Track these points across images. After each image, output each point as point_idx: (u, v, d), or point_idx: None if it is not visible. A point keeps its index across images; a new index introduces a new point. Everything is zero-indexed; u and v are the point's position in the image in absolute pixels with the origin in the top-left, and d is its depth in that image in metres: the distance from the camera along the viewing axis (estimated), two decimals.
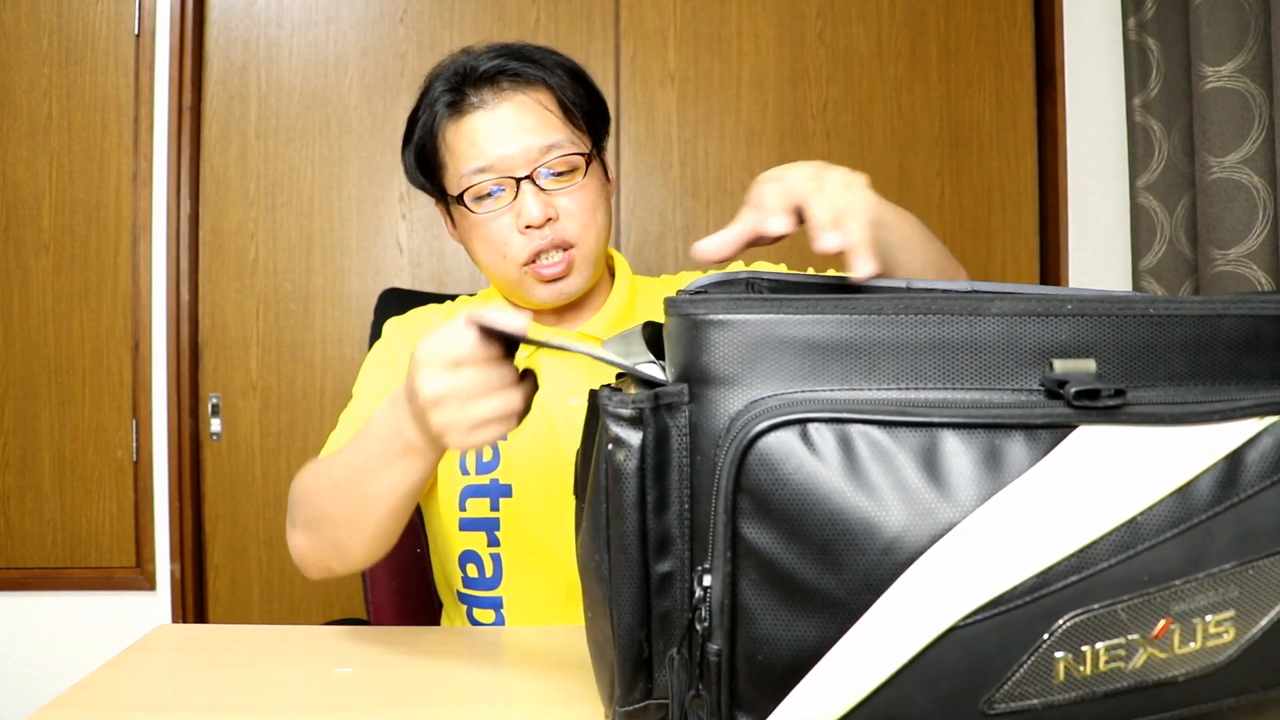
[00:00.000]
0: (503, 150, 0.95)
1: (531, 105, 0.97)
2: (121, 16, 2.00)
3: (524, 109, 0.97)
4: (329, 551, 0.85)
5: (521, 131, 0.96)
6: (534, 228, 0.95)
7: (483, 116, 0.96)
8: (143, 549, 2.00)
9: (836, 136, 2.13)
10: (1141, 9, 2.04)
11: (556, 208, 0.96)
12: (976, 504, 0.45)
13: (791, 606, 0.46)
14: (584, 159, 0.98)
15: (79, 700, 0.68)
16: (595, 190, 1.00)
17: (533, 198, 0.95)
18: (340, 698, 0.69)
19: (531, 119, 0.96)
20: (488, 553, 1.01)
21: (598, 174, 1.01)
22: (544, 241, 0.96)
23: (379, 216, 2.08)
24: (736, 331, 0.50)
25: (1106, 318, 0.50)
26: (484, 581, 1.01)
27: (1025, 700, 0.45)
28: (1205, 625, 0.47)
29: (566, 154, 0.97)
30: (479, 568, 1.01)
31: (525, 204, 0.95)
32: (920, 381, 0.49)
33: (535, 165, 0.96)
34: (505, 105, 0.96)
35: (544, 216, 0.95)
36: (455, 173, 0.98)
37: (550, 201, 0.96)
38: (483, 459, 1.01)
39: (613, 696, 0.56)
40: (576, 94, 1.00)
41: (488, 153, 0.95)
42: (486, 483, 1.00)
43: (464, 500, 1.01)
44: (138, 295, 2.01)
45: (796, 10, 2.13)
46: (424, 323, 1.08)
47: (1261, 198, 1.79)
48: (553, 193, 0.96)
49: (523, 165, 0.95)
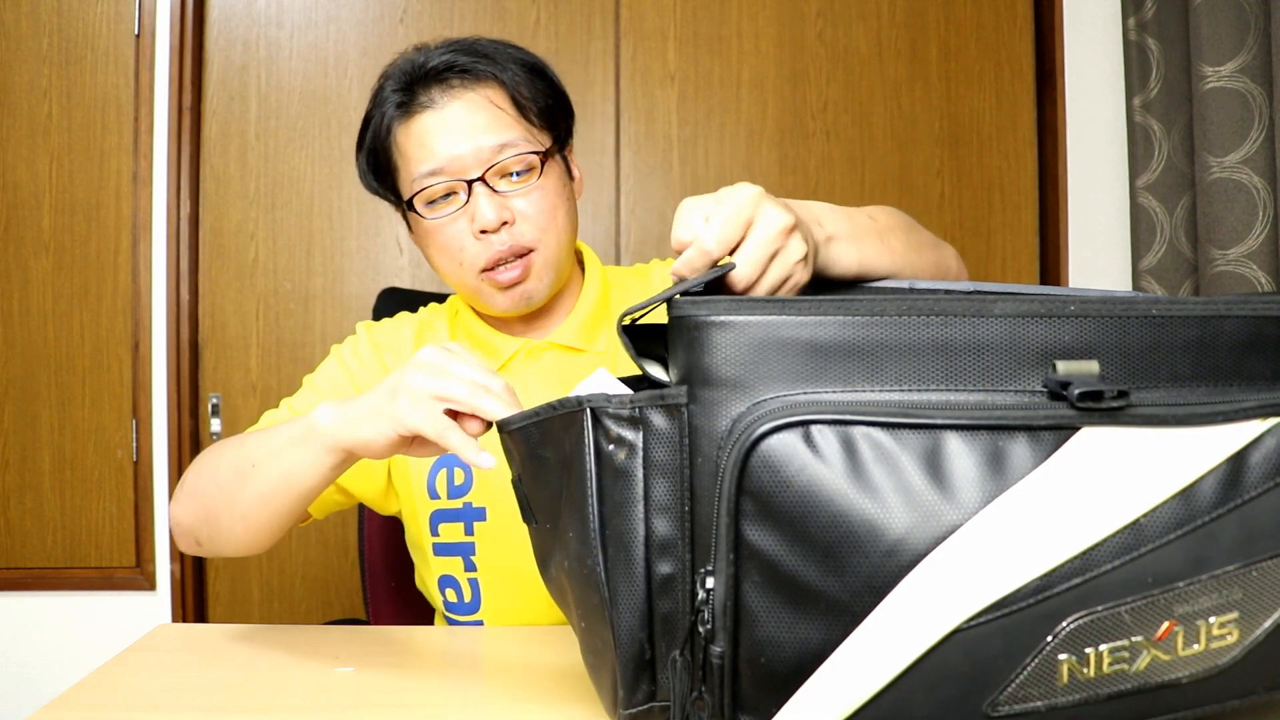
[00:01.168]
0: (453, 151, 0.91)
1: (482, 103, 0.93)
2: (121, 16, 2.00)
3: (475, 107, 0.92)
4: (203, 524, 0.86)
5: (472, 131, 0.91)
6: (489, 232, 0.92)
7: (432, 116, 0.92)
8: (143, 549, 2.00)
9: (836, 136, 2.13)
10: (1141, 9, 2.03)
11: (513, 210, 0.92)
12: (980, 506, 0.45)
13: (795, 609, 0.46)
14: (539, 158, 0.93)
15: (79, 700, 0.68)
16: (554, 190, 0.95)
17: (486, 200, 0.91)
18: (340, 698, 0.69)
19: (483, 117, 0.92)
20: (465, 577, 0.99)
21: (557, 173, 0.97)
22: (502, 248, 0.92)
23: (379, 216, 2.07)
24: (739, 333, 0.49)
25: (1109, 319, 0.50)
26: (463, 606, 1.00)
27: (1029, 702, 0.45)
28: (1209, 627, 0.47)
29: (520, 153, 0.92)
30: (457, 592, 1.00)
31: (478, 207, 0.91)
32: (923, 383, 0.49)
33: (488, 165, 0.91)
34: (455, 104, 0.92)
35: (499, 220, 0.91)
36: (407, 176, 0.95)
37: (505, 204, 0.92)
38: (454, 482, 0.98)
39: (616, 700, 0.56)
40: (533, 90, 0.96)
41: (438, 154, 0.91)
42: (459, 506, 0.98)
43: (435, 525, 0.99)
44: (138, 295, 2.01)
45: (796, 10, 2.13)
46: (395, 333, 1.05)
47: (1261, 198, 1.79)
48: (507, 194, 0.92)
49: (475, 166, 0.91)
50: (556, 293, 1.01)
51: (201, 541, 0.88)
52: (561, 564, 0.58)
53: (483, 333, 1.03)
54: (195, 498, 0.86)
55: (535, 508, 0.61)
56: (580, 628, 0.59)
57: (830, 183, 2.12)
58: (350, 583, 2.05)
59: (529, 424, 0.58)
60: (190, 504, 0.87)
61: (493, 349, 1.02)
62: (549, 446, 0.57)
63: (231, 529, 0.84)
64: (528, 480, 0.60)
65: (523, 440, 0.59)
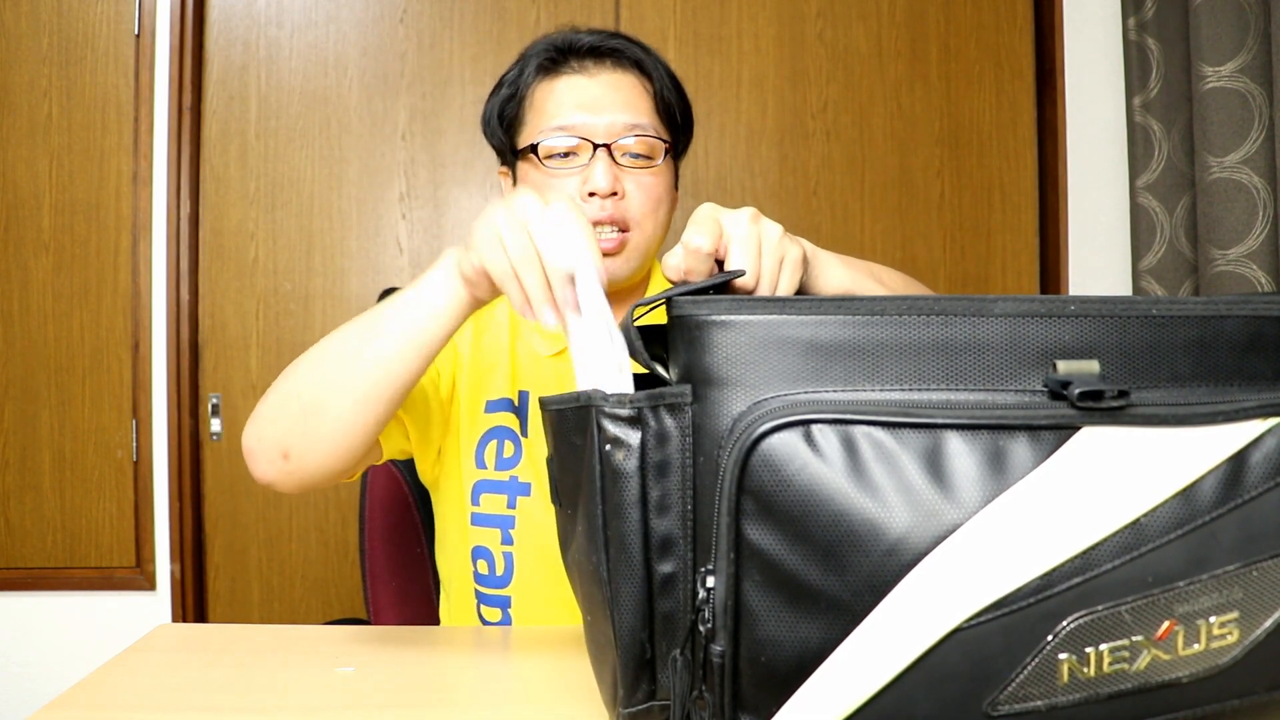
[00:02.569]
0: (589, 117, 0.95)
1: (628, 84, 0.98)
2: (121, 16, 2.00)
3: (620, 85, 0.97)
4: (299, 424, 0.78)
5: (612, 105, 0.96)
6: (597, 196, 0.95)
7: (579, 79, 0.97)
8: (143, 549, 2.00)
9: (836, 136, 2.13)
10: (1141, 9, 2.04)
11: (624, 187, 0.96)
12: (980, 505, 0.45)
13: (795, 608, 0.46)
14: (665, 146, 0.98)
15: (79, 700, 0.68)
16: (664, 185, 1.00)
17: (604, 166, 0.94)
18: (340, 698, 0.69)
19: (625, 95, 0.97)
20: (500, 550, 1.00)
21: (670, 174, 1.01)
22: (603, 214, 0.95)
23: (379, 216, 2.07)
24: (739, 332, 0.49)
25: (1109, 318, 0.50)
26: (493, 579, 1.01)
27: (1029, 702, 0.45)
28: (1209, 627, 0.47)
29: (648, 136, 0.97)
30: (489, 564, 1.01)
31: (595, 171, 0.94)
32: (924, 382, 0.49)
33: (617, 137, 0.96)
34: (604, 75, 0.97)
35: (610, 189, 0.94)
36: (534, 128, 0.98)
37: (620, 178, 0.96)
38: (504, 454, 1.00)
39: (616, 698, 0.56)
40: (673, 96, 1.01)
41: (573, 114, 0.96)
42: (505, 479, 0.99)
43: (477, 495, 1.00)
44: (138, 295, 2.01)
45: (796, 10, 2.13)
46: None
47: (1261, 198, 1.79)
48: (625, 170, 0.96)
49: (604, 134, 0.95)
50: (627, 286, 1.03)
51: (291, 451, 0.79)
52: (574, 555, 0.59)
53: None
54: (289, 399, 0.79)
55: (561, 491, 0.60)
56: (586, 620, 0.60)
57: (830, 183, 2.12)
58: (350, 583, 2.05)
59: (566, 408, 0.58)
60: (278, 411, 0.80)
61: (553, 335, 1.03)
62: (580, 434, 0.56)
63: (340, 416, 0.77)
64: (557, 462, 0.60)
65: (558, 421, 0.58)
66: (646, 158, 0.97)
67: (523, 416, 1.01)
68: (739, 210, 0.66)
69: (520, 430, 1.00)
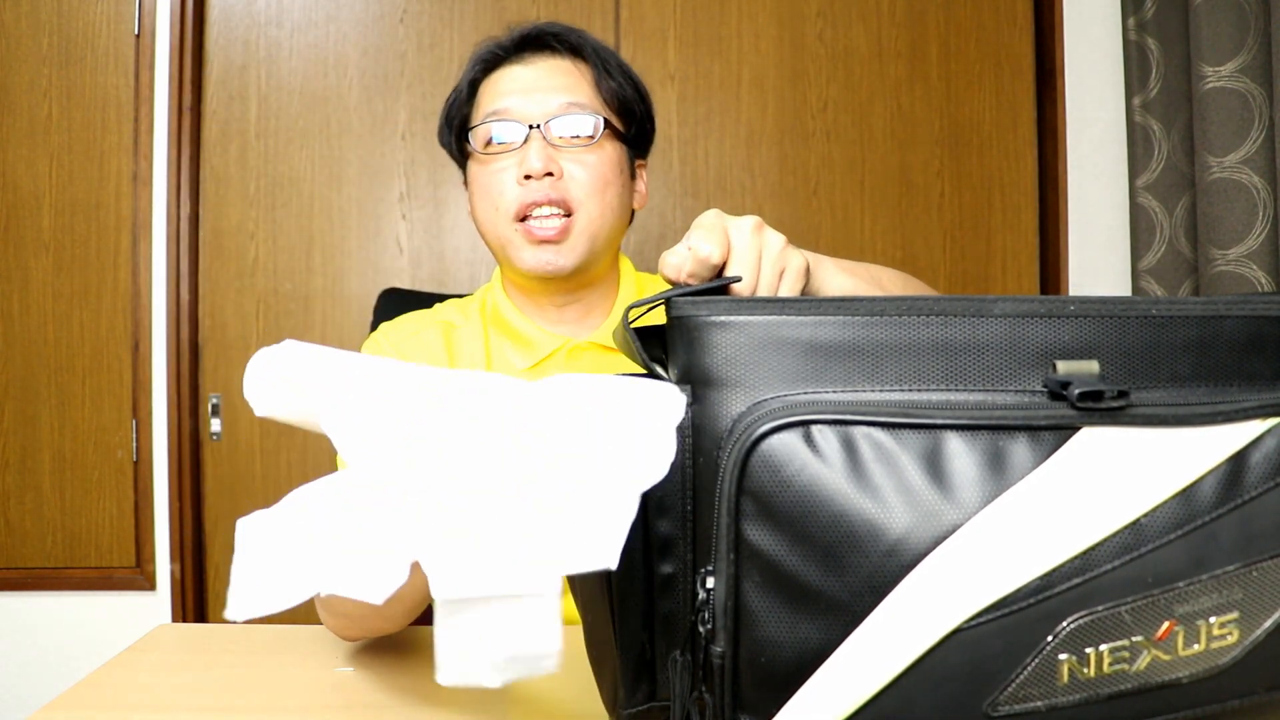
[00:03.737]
0: (523, 98, 0.95)
1: (565, 69, 0.97)
2: (121, 16, 2.00)
3: (556, 70, 0.97)
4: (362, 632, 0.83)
5: (549, 86, 0.95)
6: (532, 178, 0.93)
7: (515, 68, 0.97)
8: (143, 549, 2.00)
9: (836, 136, 2.13)
10: (1141, 9, 2.03)
11: (563, 169, 0.94)
12: (980, 506, 0.45)
13: (795, 609, 0.46)
14: (601, 123, 0.96)
15: (79, 700, 0.68)
16: (609, 165, 0.97)
17: (538, 146, 0.93)
18: (340, 698, 0.69)
19: (562, 80, 0.96)
20: None
21: (617, 156, 0.99)
22: (539, 195, 0.93)
23: (379, 216, 2.07)
24: (739, 333, 0.49)
25: (1109, 319, 0.50)
26: None
27: (1029, 702, 0.45)
28: (1209, 627, 0.46)
29: (583, 113, 0.95)
30: None
31: (529, 152, 0.93)
32: (923, 383, 0.49)
33: (551, 117, 0.94)
34: (541, 63, 0.97)
35: (544, 168, 0.93)
36: (474, 121, 0.98)
37: (556, 159, 0.94)
38: None
39: (616, 699, 0.56)
40: (622, 87, 0.99)
41: (508, 100, 0.95)
42: None
43: None
44: (138, 295, 2.01)
45: (796, 10, 2.13)
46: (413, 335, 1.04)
47: (1261, 198, 1.79)
48: (562, 149, 0.95)
49: (539, 114, 0.95)
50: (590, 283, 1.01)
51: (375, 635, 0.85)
52: None
53: (522, 326, 1.03)
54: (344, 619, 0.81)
55: None
56: (586, 621, 0.60)
57: (830, 183, 2.12)
58: None
59: None
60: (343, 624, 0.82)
61: (531, 344, 1.02)
62: None
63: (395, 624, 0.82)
64: None
65: None
66: (587, 136, 0.95)
67: None
68: (743, 219, 0.66)
69: None
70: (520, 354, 1.02)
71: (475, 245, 2.09)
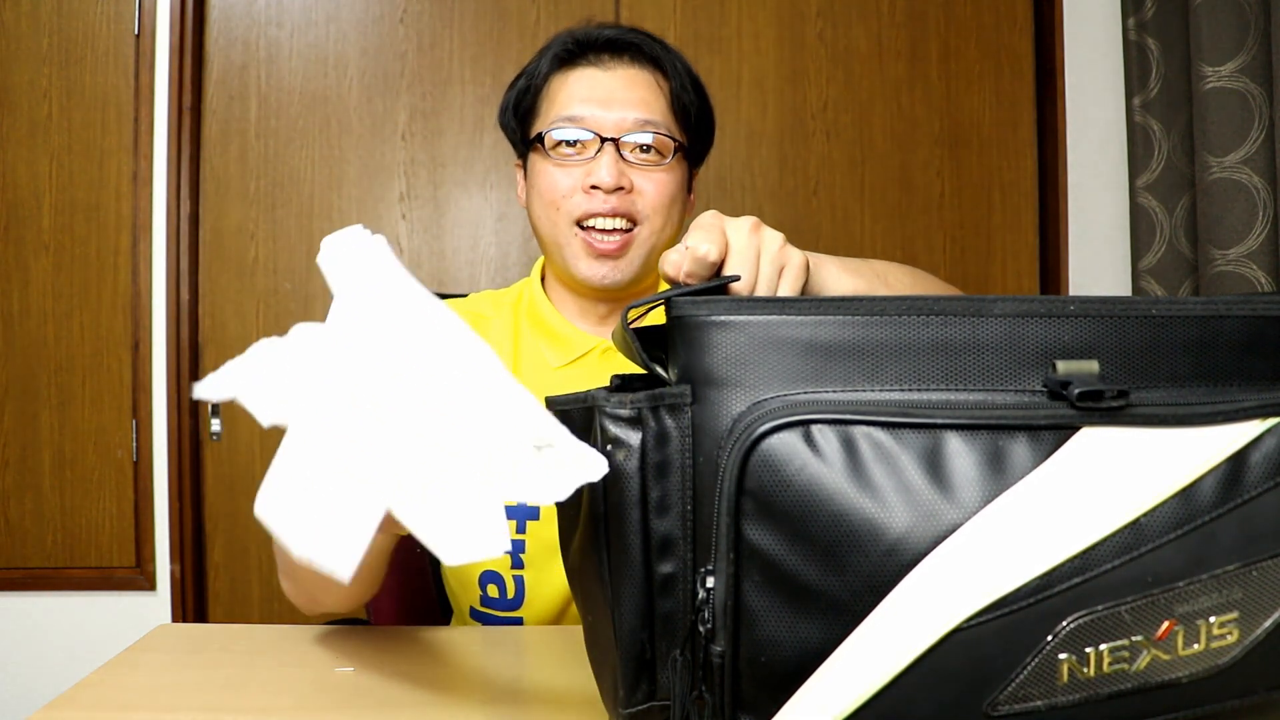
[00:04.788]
0: (599, 110, 0.94)
1: (645, 81, 0.96)
2: (121, 16, 2.00)
3: (634, 82, 0.96)
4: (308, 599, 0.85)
5: (625, 100, 0.94)
6: (600, 189, 0.93)
7: (595, 72, 0.96)
8: (143, 549, 2.00)
9: (836, 136, 2.13)
10: (1141, 9, 2.03)
11: (632, 182, 0.94)
12: (980, 505, 0.45)
13: (795, 608, 0.46)
14: (674, 145, 0.96)
15: (79, 700, 0.68)
16: (676, 185, 0.97)
17: (610, 160, 0.93)
18: (340, 698, 0.69)
19: (640, 93, 0.95)
20: (510, 574, 0.99)
21: (682, 175, 0.99)
22: (605, 206, 0.93)
23: (379, 216, 2.07)
24: (739, 332, 0.49)
25: (1109, 318, 0.50)
26: (505, 602, 1.00)
27: (1029, 702, 0.45)
28: (1209, 627, 0.46)
29: (660, 133, 0.95)
30: (500, 588, 1.00)
31: (601, 164, 0.93)
32: (923, 382, 0.49)
33: (627, 133, 0.94)
34: (621, 70, 0.96)
35: (615, 183, 0.93)
36: (546, 118, 0.97)
37: (627, 173, 0.94)
38: None
39: (616, 699, 0.56)
40: (692, 99, 0.99)
41: (584, 106, 0.94)
42: (514, 504, 0.98)
43: None
44: (138, 295, 2.01)
45: (796, 10, 2.13)
46: None
47: (1261, 198, 1.79)
48: (634, 166, 0.95)
49: (613, 129, 0.94)
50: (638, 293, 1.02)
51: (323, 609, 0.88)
52: (574, 556, 0.59)
53: (555, 323, 1.02)
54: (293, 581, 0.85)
55: None
56: (587, 621, 0.60)
57: (830, 183, 2.12)
58: None
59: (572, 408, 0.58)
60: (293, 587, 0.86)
61: (568, 342, 1.01)
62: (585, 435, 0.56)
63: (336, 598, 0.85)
64: None
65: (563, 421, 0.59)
66: (658, 153, 0.95)
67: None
68: (740, 219, 0.66)
69: None
70: (554, 352, 1.01)
71: (475, 245, 2.09)
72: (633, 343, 0.56)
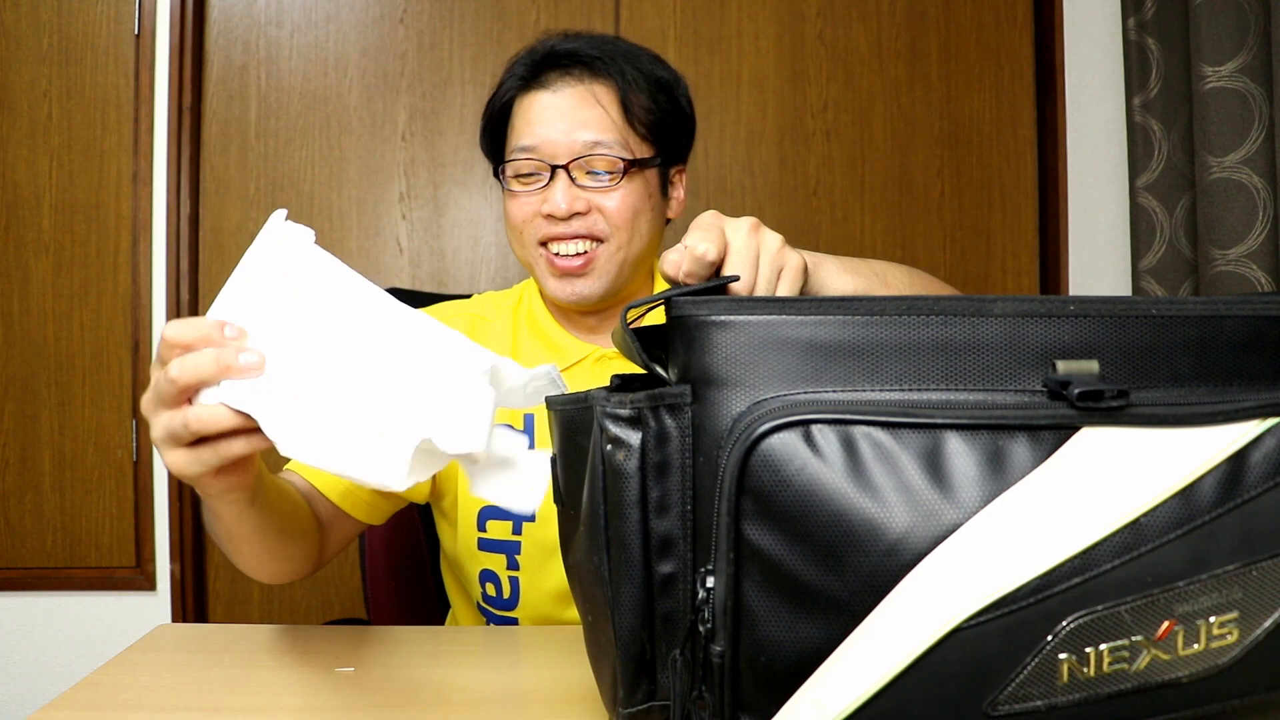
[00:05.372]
0: (549, 134, 0.95)
1: (591, 99, 0.96)
2: (121, 16, 2.00)
3: (583, 101, 0.96)
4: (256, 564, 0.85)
5: (575, 123, 0.95)
6: (554, 218, 0.95)
7: (544, 97, 0.97)
8: (143, 549, 2.00)
9: (836, 136, 2.13)
10: (1141, 9, 2.03)
11: (591, 203, 0.95)
12: (980, 505, 0.45)
13: (795, 608, 0.46)
14: (624, 164, 0.96)
15: (79, 700, 0.68)
16: (636, 197, 0.97)
17: (563, 188, 0.94)
18: (340, 698, 0.69)
19: (587, 113, 0.96)
20: (506, 575, 1.00)
21: (644, 184, 0.99)
22: (566, 230, 0.95)
23: (379, 216, 2.07)
24: (739, 332, 0.49)
25: (1109, 318, 0.50)
26: (501, 601, 1.00)
27: (1029, 702, 0.45)
28: (1209, 626, 0.46)
29: (608, 155, 0.95)
30: (496, 587, 1.00)
31: (554, 192, 0.94)
32: (923, 382, 0.49)
33: (575, 157, 0.95)
34: (567, 91, 0.96)
35: (569, 210, 0.94)
36: (507, 146, 0.99)
37: (585, 197, 0.95)
38: None
39: (615, 699, 0.56)
40: (650, 101, 0.98)
41: (536, 133, 0.96)
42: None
43: (483, 521, 1.00)
44: (138, 295, 2.01)
45: (796, 10, 2.13)
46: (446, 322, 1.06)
47: (1261, 198, 1.79)
48: (588, 189, 0.96)
49: (564, 154, 0.95)
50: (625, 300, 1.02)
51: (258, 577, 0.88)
52: (575, 556, 0.59)
53: (550, 330, 1.04)
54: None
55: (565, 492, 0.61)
56: (587, 621, 0.60)
57: (830, 183, 2.12)
58: (350, 583, 2.05)
59: (571, 408, 0.58)
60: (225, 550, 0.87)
61: (559, 349, 1.03)
62: (585, 435, 0.56)
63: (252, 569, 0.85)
64: (562, 464, 0.60)
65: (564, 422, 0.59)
66: (613, 176, 0.96)
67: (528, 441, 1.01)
68: (740, 220, 0.67)
69: None
70: (549, 358, 1.03)
71: (475, 245, 2.09)
72: (632, 343, 0.56)
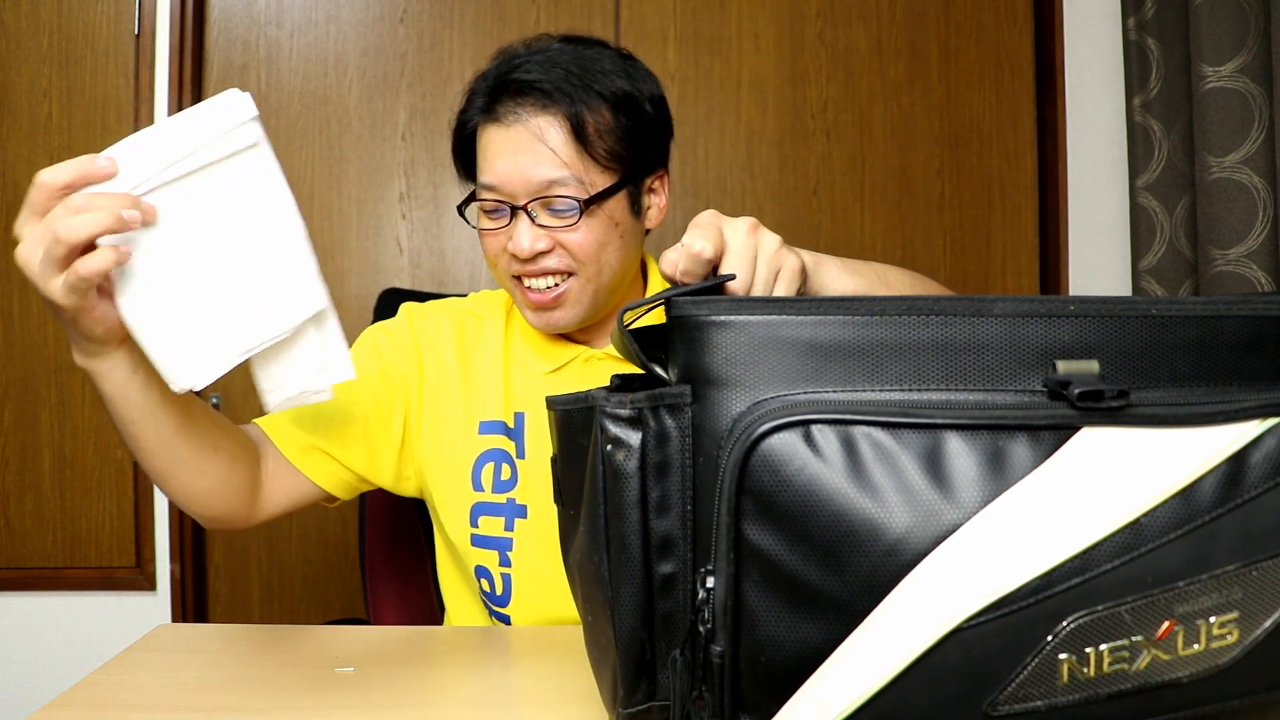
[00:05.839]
0: (505, 172, 0.93)
1: (540, 133, 0.92)
2: (121, 16, 2.00)
3: (536, 137, 0.92)
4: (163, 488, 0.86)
5: (531, 160, 0.92)
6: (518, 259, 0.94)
7: (501, 131, 0.94)
8: (143, 549, 2.00)
9: (836, 136, 2.13)
10: (1141, 9, 2.03)
11: (555, 239, 0.93)
12: (980, 505, 0.45)
13: (795, 608, 0.46)
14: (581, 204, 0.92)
15: (79, 700, 0.68)
16: (601, 229, 0.94)
17: (525, 229, 0.92)
18: (340, 698, 0.69)
19: (540, 149, 0.92)
20: (498, 571, 0.99)
21: (608, 213, 0.95)
22: (532, 268, 0.94)
23: (379, 216, 2.07)
24: (739, 332, 0.49)
25: (1109, 318, 0.50)
26: (494, 598, 1.01)
27: (1029, 702, 0.45)
28: (1209, 627, 0.47)
29: (564, 195, 0.92)
30: (490, 584, 1.00)
31: (517, 232, 0.93)
32: (923, 383, 0.49)
33: (534, 196, 0.92)
34: (520, 126, 0.93)
35: (533, 250, 0.92)
36: (478, 176, 0.97)
37: (549, 235, 0.93)
38: (501, 477, 0.99)
39: (615, 699, 0.56)
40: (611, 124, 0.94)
41: (496, 169, 0.93)
42: (503, 501, 0.99)
43: (475, 517, 0.99)
44: None
45: (796, 10, 2.13)
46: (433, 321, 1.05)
47: (1261, 198, 1.79)
48: (551, 228, 0.93)
49: (523, 194, 0.92)
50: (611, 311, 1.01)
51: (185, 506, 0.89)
52: (575, 555, 0.59)
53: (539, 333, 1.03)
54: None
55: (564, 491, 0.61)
56: (587, 621, 0.60)
57: (830, 183, 2.12)
58: (350, 583, 2.05)
59: (572, 408, 0.58)
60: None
61: (547, 351, 1.03)
62: (585, 434, 0.56)
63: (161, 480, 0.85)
64: (562, 463, 0.60)
65: (565, 422, 0.59)
66: (572, 215, 0.93)
67: (518, 439, 1.00)
68: (738, 220, 0.67)
69: (516, 453, 1.00)
70: (539, 359, 1.03)
71: (475, 245, 2.09)
72: (630, 344, 0.56)
